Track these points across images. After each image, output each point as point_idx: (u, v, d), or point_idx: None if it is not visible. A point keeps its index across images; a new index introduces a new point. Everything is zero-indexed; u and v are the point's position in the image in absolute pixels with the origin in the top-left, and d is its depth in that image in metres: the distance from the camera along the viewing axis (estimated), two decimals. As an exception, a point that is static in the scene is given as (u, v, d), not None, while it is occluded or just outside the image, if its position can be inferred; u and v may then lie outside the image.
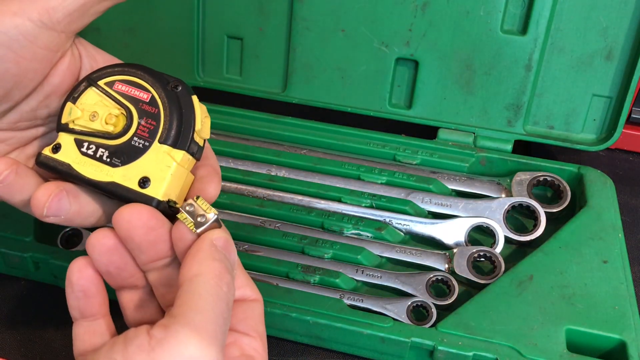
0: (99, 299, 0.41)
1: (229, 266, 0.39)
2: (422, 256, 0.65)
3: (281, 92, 0.82)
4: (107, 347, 0.35)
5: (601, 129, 0.76)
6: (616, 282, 0.60)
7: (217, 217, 0.40)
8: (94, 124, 0.41)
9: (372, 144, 0.77)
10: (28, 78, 0.41)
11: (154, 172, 0.40)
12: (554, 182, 0.71)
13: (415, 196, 0.71)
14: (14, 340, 0.59)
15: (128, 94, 0.42)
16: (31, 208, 0.40)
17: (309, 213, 0.69)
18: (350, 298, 0.60)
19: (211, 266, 0.37)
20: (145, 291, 0.43)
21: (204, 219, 0.39)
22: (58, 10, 0.40)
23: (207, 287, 0.36)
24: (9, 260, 0.62)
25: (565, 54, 0.73)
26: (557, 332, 0.55)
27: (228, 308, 0.37)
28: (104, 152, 0.41)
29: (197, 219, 0.39)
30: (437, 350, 0.54)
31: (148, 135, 0.41)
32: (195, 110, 0.42)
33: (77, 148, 0.41)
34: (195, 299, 0.36)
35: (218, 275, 0.37)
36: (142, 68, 0.43)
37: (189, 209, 0.39)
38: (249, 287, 0.43)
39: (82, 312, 0.41)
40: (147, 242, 0.40)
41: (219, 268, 0.37)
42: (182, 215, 0.39)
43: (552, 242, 0.64)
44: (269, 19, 0.79)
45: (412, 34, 0.75)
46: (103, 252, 0.40)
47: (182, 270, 0.38)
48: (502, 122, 0.77)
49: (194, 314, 0.35)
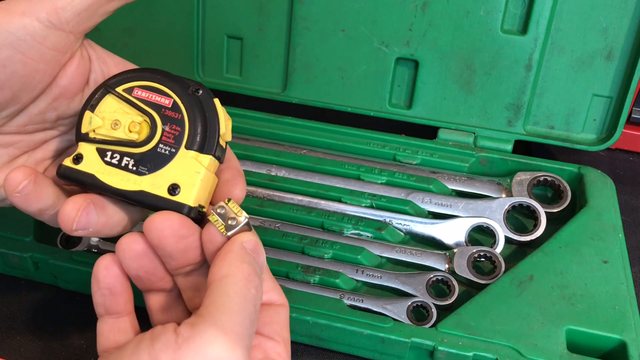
0: (124, 297, 0.41)
1: (258, 269, 0.38)
2: (422, 256, 0.65)
3: (281, 92, 0.82)
4: (134, 343, 0.35)
5: (601, 129, 0.76)
6: (616, 282, 0.60)
7: (247, 220, 0.39)
8: (117, 133, 0.41)
9: (372, 144, 0.77)
10: (36, 80, 0.40)
11: (182, 178, 0.40)
12: (554, 182, 0.71)
13: (415, 196, 0.71)
14: (14, 340, 0.59)
15: (149, 100, 0.41)
16: (60, 223, 0.40)
17: (309, 213, 0.69)
18: (350, 298, 0.60)
19: (240, 268, 0.37)
20: (172, 294, 0.43)
21: (234, 222, 0.39)
22: (67, 10, 0.39)
23: (235, 289, 0.36)
24: (9, 260, 0.62)
25: (566, 53, 0.73)
26: (557, 332, 0.55)
27: (255, 310, 0.37)
28: (129, 161, 0.40)
29: (228, 221, 0.39)
30: (437, 351, 0.54)
31: (174, 142, 0.40)
32: (219, 113, 0.41)
33: (100, 158, 0.41)
34: (223, 299, 0.35)
35: (247, 277, 0.37)
36: (161, 72, 0.42)
37: (220, 212, 0.39)
38: (276, 291, 0.42)
39: (107, 309, 0.41)
40: (178, 251, 0.40)
41: (248, 270, 0.37)
42: (213, 218, 0.39)
43: (552, 242, 0.64)
44: (269, 18, 0.79)
45: (412, 34, 0.75)
46: (133, 257, 0.40)
47: (212, 271, 0.38)
48: (502, 122, 0.77)
49: (221, 314, 0.34)
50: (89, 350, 0.58)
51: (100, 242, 0.66)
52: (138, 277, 0.42)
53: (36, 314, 0.61)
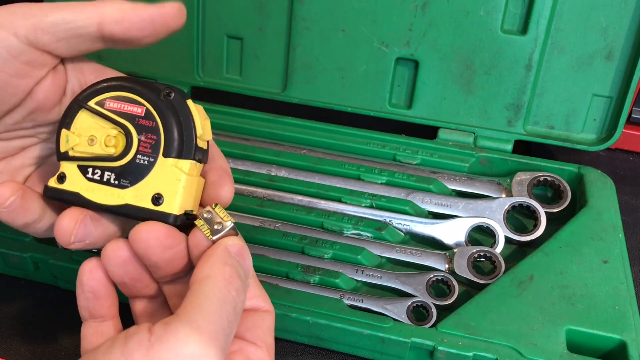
0: (108, 301, 0.41)
1: (242, 273, 0.38)
2: (422, 256, 0.65)
3: (281, 92, 0.82)
4: (108, 342, 0.35)
5: (601, 129, 0.76)
6: (616, 282, 0.60)
7: (233, 225, 0.39)
8: (94, 149, 0.40)
9: (372, 144, 0.77)
10: (9, 93, 0.39)
11: (164, 187, 0.39)
12: (554, 182, 0.71)
13: (415, 196, 0.71)
14: (14, 340, 0.59)
15: (122, 111, 0.40)
16: (57, 237, 0.39)
17: (309, 213, 0.69)
18: (350, 298, 0.60)
19: (222, 270, 0.37)
20: (158, 300, 0.43)
21: (220, 227, 0.39)
22: (48, 33, 0.38)
23: (214, 289, 0.36)
24: (9, 260, 0.62)
25: (566, 53, 0.73)
26: (557, 332, 0.55)
27: (235, 313, 0.36)
28: (110, 175, 0.40)
29: (214, 226, 0.39)
30: (437, 351, 0.54)
31: (151, 151, 0.39)
32: (193, 115, 0.40)
33: (82, 175, 0.40)
34: (200, 299, 0.35)
35: (227, 279, 0.37)
36: (130, 80, 0.41)
37: (207, 217, 0.39)
38: (262, 298, 0.42)
39: (91, 313, 0.41)
40: (163, 260, 0.40)
41: (229, 272, 0.37)
42: (199, 222, 0.39)
43: (552, 242, 0.64)
44: (269, 18, 0.79)
45: (412, 34, 0.75)
46: (118, 263, 0.40)
47: (194, 273, 0.38)
48: (502, 122, 0.77)
49: (196, 313, 0.34)
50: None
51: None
52: (123, 284, 0.42)
53: (36, 314, 0.61)
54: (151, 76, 0.84)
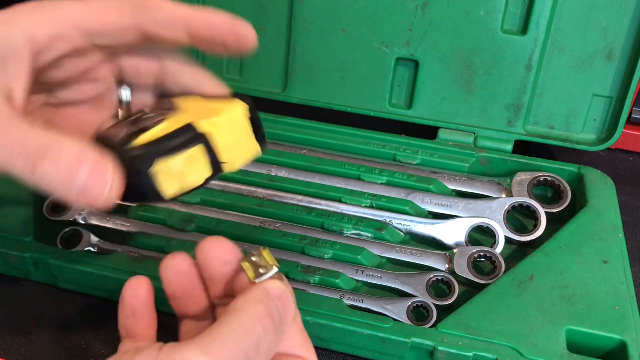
0: (145, 320, 0.41)
1: (276, 315, 0.38)
2: (422, 256, 0.65)
3: (281, 92, 0.82)
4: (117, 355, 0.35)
5: (601, 129, 0.76)
6: (616, 282, 0.60)
7: (278, 270, 0.40)
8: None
9: (372, 144, 0.77)
10: None
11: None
12: (554, 182, 0.71)
13: (415, 196, 0.71)
14: (14, 340, 0.59)
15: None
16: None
17: (309, 213, 0.69)
18: (350, 298, 0.60)
19: (253, 306, 0.37)
20: (206, 324, 0.43)
21: (265, 270, 0.39)
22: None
23: (239, 321, 0.36)
24: (9, 260, 0.62)
25: (566, 53, 0.73)
26: (557, 332, 0.55)
27: (257, 349, 0.35)
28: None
29: (260, 269, 0.39)
30: (437, 351, 0.54)
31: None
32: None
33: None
34: (220, 328, 0.35)
35: (257, 315, 0.36)
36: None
37: (254, 259, 0.39)
38: (304, 348, 0.41)
39: (128, 331, 0.41)
40: (220, 275, 0.40)
41: (261, 310, 0.37)
42: (245, 264, 0.39)
43: (552, 242, 0.64)
44: (269, 19, 0.79)
45: (412, 34, 0.75)
46: (174, 273, 0.41)
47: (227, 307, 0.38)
48: (502, 122, 0.77)
49: (212, 339, 0.34)
50: (88, 350, 0.58)
51: (100, 242, 0.66)
52: (174, 297, 0.42)
53: (36, 314, 0.61)
54: (151, 76, 0.84)
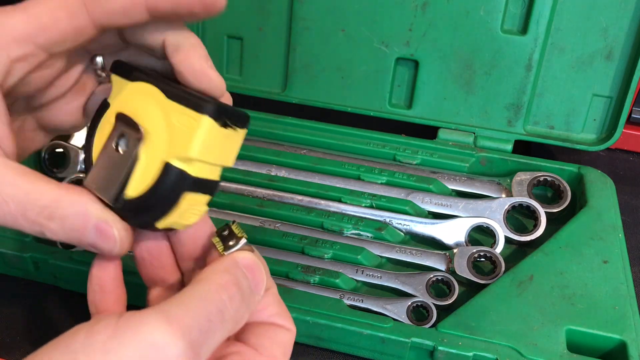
0: (114, 295, 0.41)
1: (245, 284, 0.37)
2: (422, 256, 0.65)
3: (281, 92, 0.82)
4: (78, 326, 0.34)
5: (601, 129, 0.76)
6: (616, 282, 0.60)
7: (246, 241, 0.40)
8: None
9: (372, 144, 0.77)
10: None
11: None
12: (554, 182, 0.71)
13: (415, 196, 0.71)
14: (14, 340, 0.59)
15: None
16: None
17: (309, 213, 0.69)
18: (350, 298, 0.60)
19: (218, 275, 0.36)
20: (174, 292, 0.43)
21: (234, 243, 0.39)
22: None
23: (202, 290, 0.35)
24: (9, 260, 0.62)
25: (566, 53, 0.73)
26: (557, 332, 0.55)
27: (221, 317, 0.35)
28: None
29: (229, 242, 0.39)
30: (437, 351, 0.54)
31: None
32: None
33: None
34: (183, 296, 0.34)
35: (222, 284, 0.36)
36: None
37: (223, 234, 0.40)
38: (281, 316, 0.41)
39: (97, 307, 0.41)
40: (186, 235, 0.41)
41: (226, 278, 0.36)
42: (215, 240, 0.40)
43: (552, 242, 0.64)
44: (269, 18, 0.79)
45: (412, 34, 0.75)
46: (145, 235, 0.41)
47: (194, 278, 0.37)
48: (502, 122, 0.77)
49: (172, 306, 0.33)
50: (89, 350, 0.58)
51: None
52: (143, 260, 0.42)
53: (36, 314, 0.61)
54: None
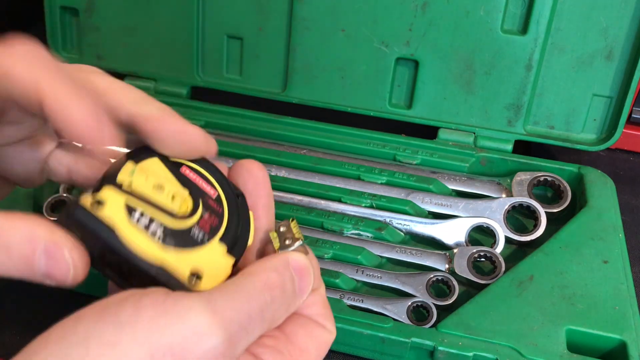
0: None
1: (290, 287, 0.36)
2: (422, 256, 0.65)
3: (281, 92, 0.82)
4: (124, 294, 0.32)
5: (601, 129, 0.76)
6: (617, 283, 0.60)
7: (303, 243, 0.39)
8: (159, 196, 0.36)
9: (372, 144, 0.77)
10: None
11: (207, 269, 0.35)
12: (554, 182, 0.71)
13: (415, 196, 0.71)
14: (14, 340, 0.59)
15: (195, 183, 0.38)
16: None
17: (309, 213, 0.69)
18: (350, 298, 0.60)
19: (267, 274, 0.35)
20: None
21: (291, 242, 0.39)
22: None
23: (249, 285, 0.34)
24: (9, 260, 0.62)
25: (566, 53, 0.73)
26: (557, 332, 0.55)
27: (262, 316, 0.34)
28: (158, 229, 0.34)
29: (285, 241, 0.39)
30: (437, 351, 0.54)
31: (209, 231, 0.37)
32: (250, 223, 0.39)
33: (126, 213, 0.34)
34: (229, 287, 0.34)
35: (269, 284, 0.35)
36: (212, 165, 0.40)
37: (282, 230, 0.39)
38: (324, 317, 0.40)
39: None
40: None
41: (274, 278, 0.35)
42: (272, 235, 0.39)
43: (552, 242, 0.64)
44: (269, 18, 0.79)
45: (412, 34, 0.75)
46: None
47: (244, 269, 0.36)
48: (502, 122, 0.77)
49: (221, 297, 0.33)
50: (88, 350, 0.58)
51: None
52: None
53: (36, 314, 0.61)
54: (151, 76, 0.84)
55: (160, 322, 0.31)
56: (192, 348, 0.31)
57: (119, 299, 0.32)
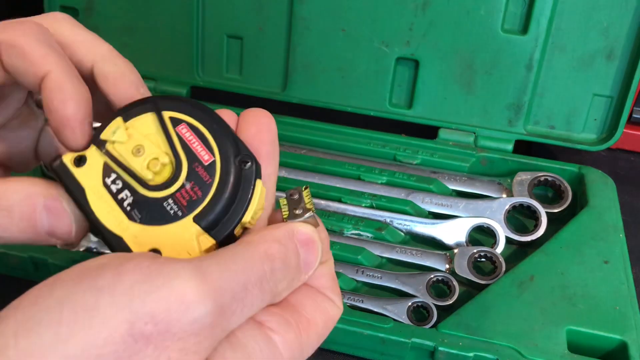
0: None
1: (293, 260, 0.33)
2: (423, 256, 0.65)
3: (281, 92, 0.82)
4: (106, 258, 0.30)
5: (602, 129, 0.75)
6: (617, 283, 0.60)
7: (313, 214, 0.35)
8: (134, 161, 0.34)
9: (372, 144, 0.77)
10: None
11: (168, 249, 0.32)
12: (554, 182, 0.71)
13: (415, 196, 0.71)
14: (13, 340, 0.59)
15: (189, 145, 0.34)
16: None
17: (309, 213, 0.69)
18: (351, 298, 0.60)
19: (269, 244, 0.32)
20: None
21: (301, 212, 0.35)
22: None
23: (246, 254, 0.31)
24: (9, 260, 0.62)
25: (566, 53, 0.73)
26: (558, 332, 0.55)
27: (261, 289, 0.31)
28: (127, 197, 0.33)
29: (296, 210, 0.35)
30: (437, 351, 0.54)
31: (185, 204, 0.33)
32: (252, 198, 0.34)
33: (102, 175, 0.33)
34: (225, 255, 0.31)
35: (269, 255, 0.32)
36: (221, 123, 0.35)
37: (293, 197, 0.35)
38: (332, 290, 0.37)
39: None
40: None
41: (275, 249, 0.32)
42: (282, 201, 0.35)
43: (553, 242, 0.64)
44: (269, 18, 0.78)
45: (412, 34, 0.75)
46: None
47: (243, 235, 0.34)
48: (502, 121, 0.77)
49: (212, 264, 0.30)
50: (88, 350, 0.57)
51: (99, 244, 0.66)
52: None
53: (35, 314, 0.61)
54: (151, 76, 0.84)
55: (143, 288, 0.28)
56: (177, 317, 0.27)
57: (99, 262, 0.30)
